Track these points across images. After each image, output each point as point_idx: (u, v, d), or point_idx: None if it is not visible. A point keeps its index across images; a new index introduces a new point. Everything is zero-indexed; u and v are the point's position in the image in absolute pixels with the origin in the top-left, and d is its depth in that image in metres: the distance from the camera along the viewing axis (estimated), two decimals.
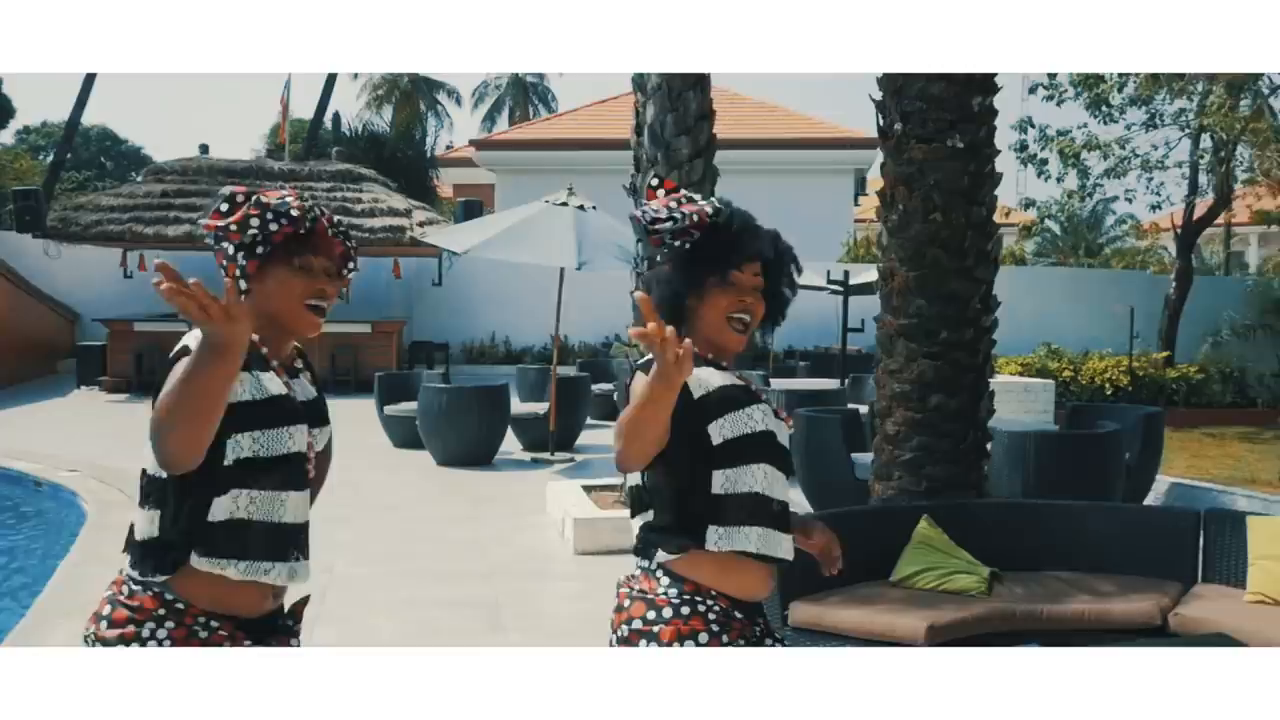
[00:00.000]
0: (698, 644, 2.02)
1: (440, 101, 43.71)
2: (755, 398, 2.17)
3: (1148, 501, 7.94)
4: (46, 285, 18.24)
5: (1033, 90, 16.47)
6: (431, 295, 19.28)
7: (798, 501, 7.42)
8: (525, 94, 45.47)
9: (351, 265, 2.10)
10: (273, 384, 1.96)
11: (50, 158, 32.00)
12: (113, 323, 16.33)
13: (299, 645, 2.08)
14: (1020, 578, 4.58)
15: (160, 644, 1.87)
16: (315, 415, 2.08)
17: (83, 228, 16.89)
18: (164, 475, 1.88)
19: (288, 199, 1.97)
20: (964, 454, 5.41)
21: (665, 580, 2.08)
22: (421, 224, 17.10)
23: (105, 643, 1.88)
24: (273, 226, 1.96)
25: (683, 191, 2.24)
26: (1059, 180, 16.96)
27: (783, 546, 2.15)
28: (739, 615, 2.09)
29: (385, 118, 37.14)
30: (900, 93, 5.43)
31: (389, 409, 11.37)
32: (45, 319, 18.33)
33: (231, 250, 1.95)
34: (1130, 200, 18.34)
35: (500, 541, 7.14)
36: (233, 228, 1.93)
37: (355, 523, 7.64)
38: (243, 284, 1.96)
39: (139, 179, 20.79)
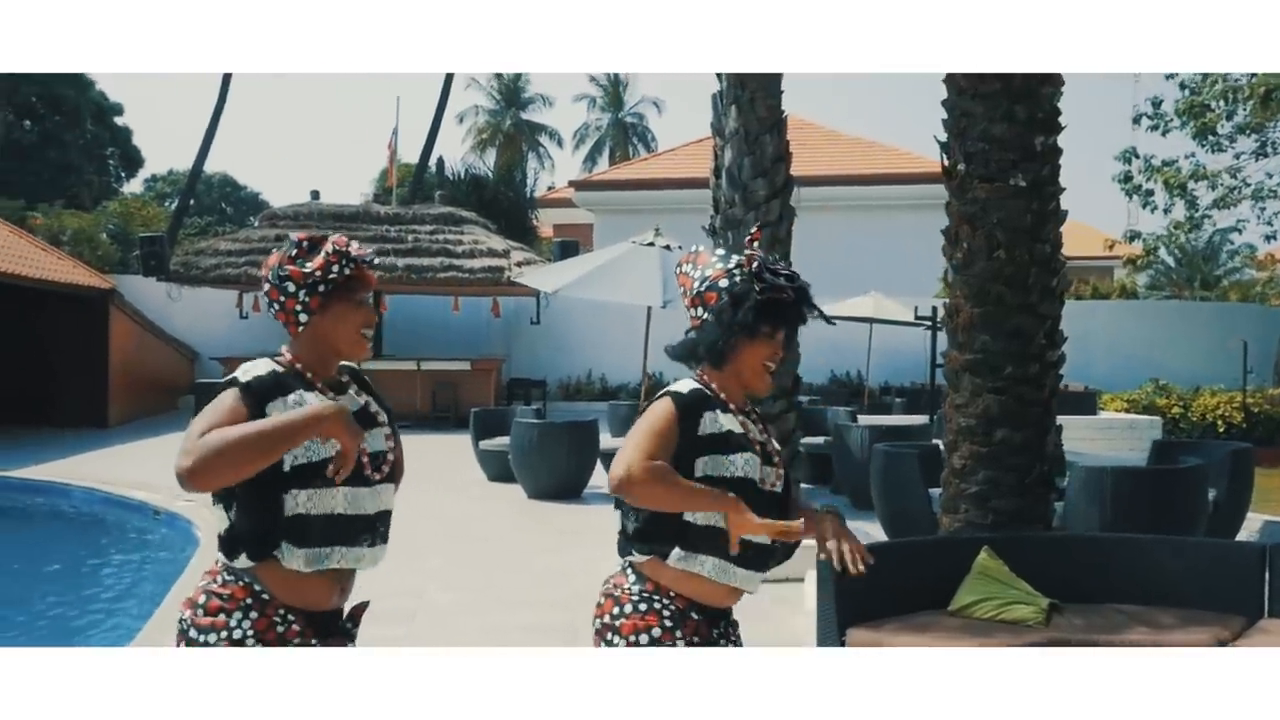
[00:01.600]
0: (651, 638, 2.27)
1: (542, 143, 44.77)
2: (747, 446, 2.40)
3: (1239, 539, 7.79)
4: (168, 326, 19.29)
5: (1137, 120, 16.26)
6: (530, 333, 19.78)
7: (873, 534, 7.51)
8: (625, 134, 46.25)
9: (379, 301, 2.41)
10: (316, 400, 2.23)
11: (175, 204, 33.72)
12: (228, 361, 17.17)
13: (354, 646, 2.34)
14: (1080, 610, 4.62)
15: (245, 634, 2.14)
16: (363, 421, 2.33)
17: (202, 271, 17.86)
18: (244, 485, 2.16)
19: (349, 243, 2.28)
20: (1030, 487, 5.47)
21: (632, 578, 2.35)
22: (520, 264, 17.61)
23: (198, 629, 2.16)
24: (347, 270, 2.26)
25: (767, 258, 2.51)
26: (1166, 211, 16.66)
27: (737, 577, 2.36)
28: (695, 616, 2.33)
29: (488, 161, 38.17)
30: (964, 133, 5.57)
31: (484, 444, 11.75)
32: (167, 358, 19.35)
33: (293, 288, 2.24)
34: (1241, 230, 17.76)
35: (584, 571, 7.37)
36: (317, 274, 2.23)
37: (446, 551, 7.98)
38: (303, 317, 2.27)
39: (255, 223, 21.86)
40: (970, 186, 5.55)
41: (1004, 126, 5.46)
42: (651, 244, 10.09)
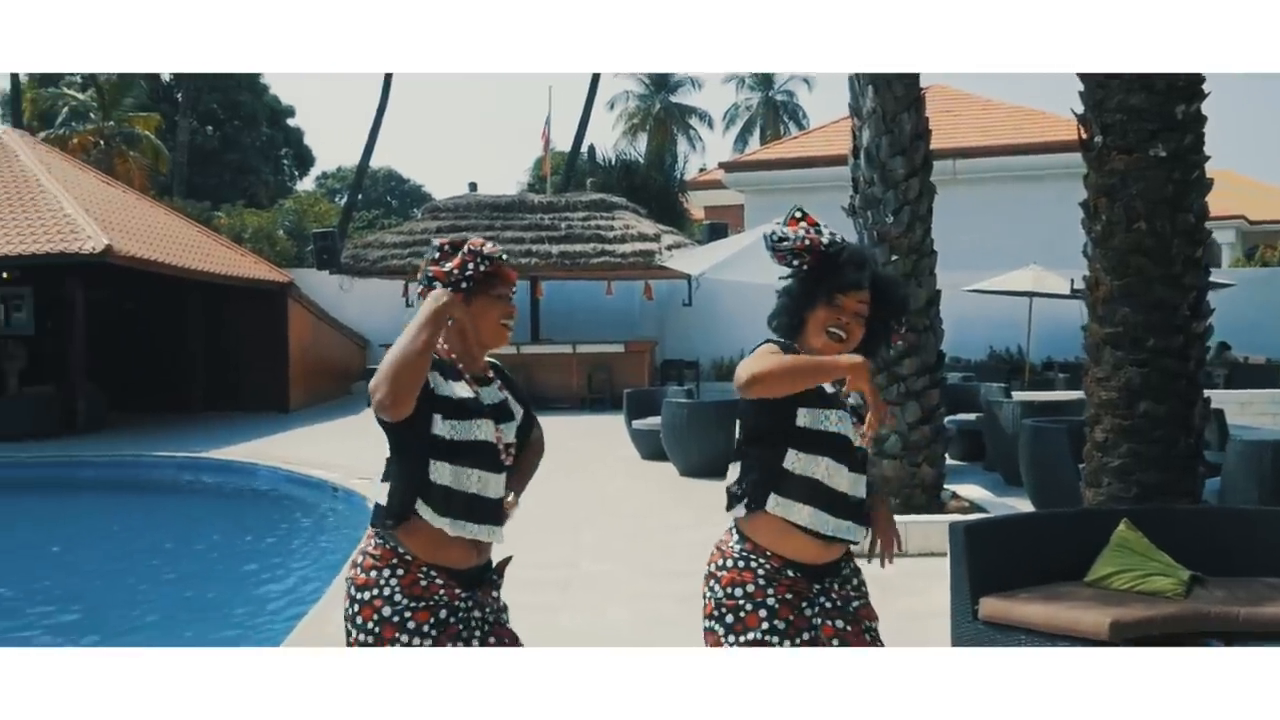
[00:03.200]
0: (745, 592, 2.51)
1: (692, 126, 44.95)
2: (837, 404, 2.61)
3: None
4: (340, 315, 20.40)
5: None
6: (682, 315, 20.07)
7: (1022, 507, 7.49)
8: (775, 113, 45.98)
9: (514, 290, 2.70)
10: (461, 390, 2.54)
11: (344, 199, 35.40)
12: None
13: (499, 595, 2.65)
14: (1224, 583, 4.58)
15: (394, 590, 2.46)
16: (501, 415, 2.63)
17: (370, 263, 18.83)
18: (395, 456, 2.50)
19: (484, 245, 2.57)
20: (1176, 461, 5.41)
21: (736, 536, 2.60)
22: (670, 247, 17.90)
23: (358, 587, 2.50)
24: (483, 267, 2.55)
25: (821, 224, 2.69)
26: None
27: (830, 526, 2.56)
28: (790, 574, 2.54)
29: (639, 146, 38.60)
30: (1101, 104, 5.53)
31: (636, 423, 12.10)
32: (341, 345, 20.47)
33: (439, 287, 2.53)
34: None
35: None
36: (454, 272, 2.53)
37: (599, 526, 8.35)
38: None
39: (418, 215, 22.84)
40: (1108, 158, 5.51)
41: (1142, 96, 5.40)
42: (819, 228, 10.19)
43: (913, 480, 7.62)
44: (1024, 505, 7.85)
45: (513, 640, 2.62)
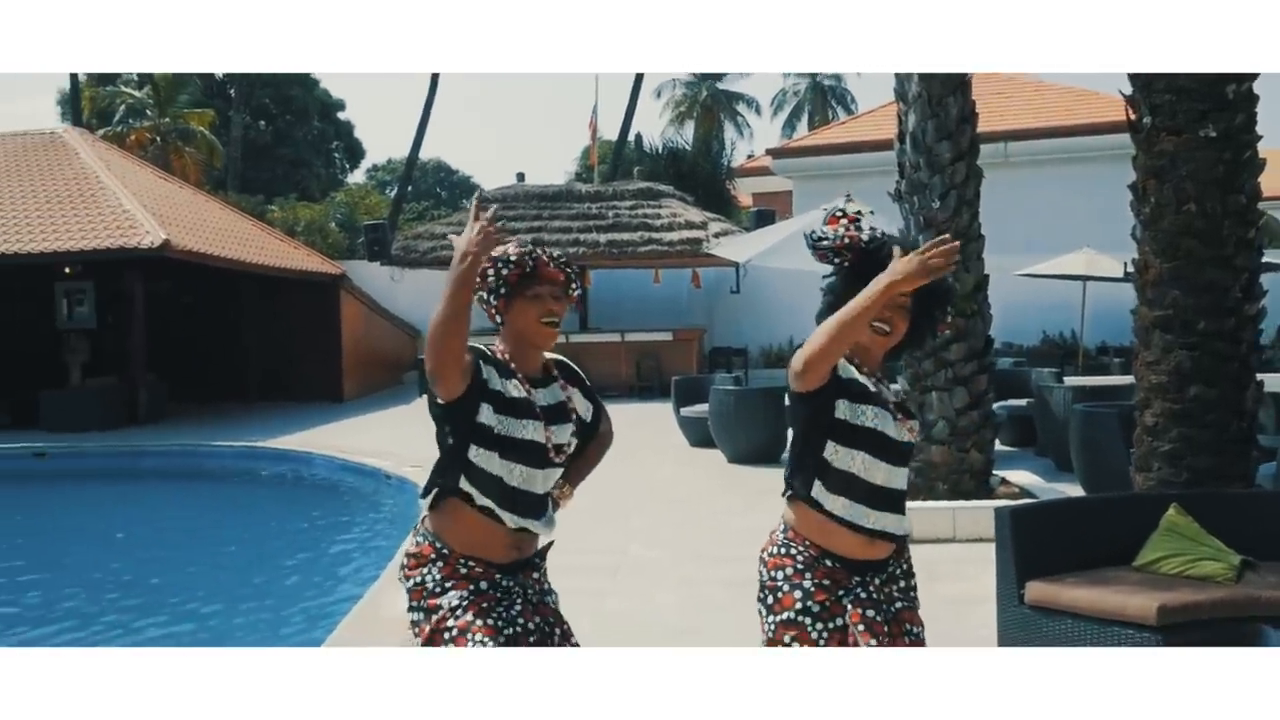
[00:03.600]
0: (784, 575, 2.58)
1: (740, 112, 44.77)
2: (876, 401, 2.64)
3: None
4: (392, 306, 20.64)
5: None
6: (730, 303, 20.05)
7: (1072, 493, 7.44)
8: (823, 98, 45.67)
9: (574, 286, 2.73)
10: (514, 389, 2.61)
11: (394, 191, 35.77)
12: None
13: (540, 576, 2.71)
14: (1276, 567, 4.54)
15: (436, 581, 2.56)
16: (555, 416, 2.69)
17: (420, 254, 19.04)
18: (440, 436, 2.59)
19: (509, 249, 2.62)
20: (1227, 445, 5.36)
21: (782, 525, 2.68)
22: (717, 235, 17.89)
23: (407, 578, 2.61)
24: (504, 272, 2.62)
25: (862, 219, 2.72)
26: None
27: (869, 519, 2.59)
28: (829, 563, 2.59)
29: (687, 134, 38.53)
30: (1149, 85, 5.47)
31: (684, 411, 12.15)
32: (392, 336, 20.74)
33: (485, 295, 2.63)
34: None
35: None
36: (478, 280, 2.59)
37: (648, 512, 8.42)
38: (498, 318, 2.67)
39: (467, 206, 23.01)
40: (1157, 139, 5.45)
41: (1191, 76, 5.33)
42: (859, 213, 10.16)
43: (961, 466, 7.59)
44: (1074, 491, 7.79)
45: (556, 618, 2.69)
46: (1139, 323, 5.64)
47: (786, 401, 2.76)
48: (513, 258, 2.63)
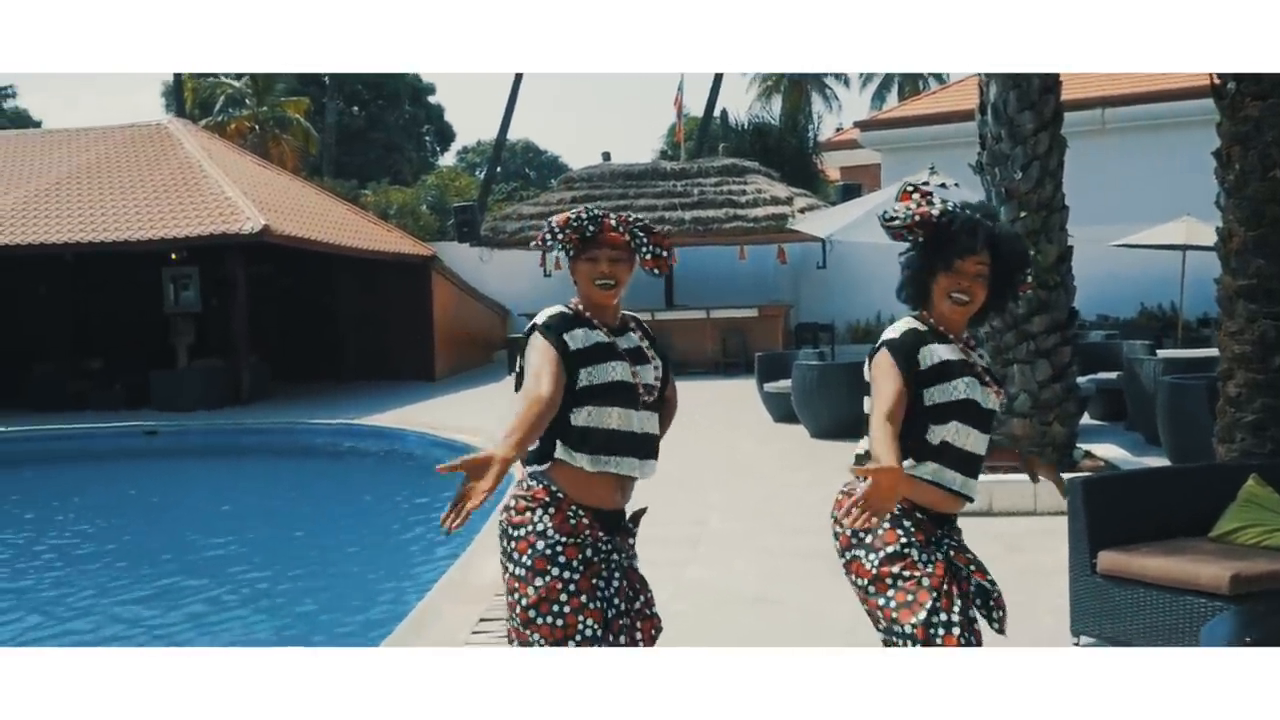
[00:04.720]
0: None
1: (828, 85, 44.25)
2: (967, 370, 2.75)
3: None
4: (481, 286, 21.02)
5: None
6: (817, 278, 19.95)
7: (1159, 465, 7.35)
8: None
9: (645, 251, 2.84)
10: (597, 335, 2.78)
11: (484, 173, 36.28)
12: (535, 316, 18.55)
13: (634, 542, 2.87)
14: None
15: (546, 526, 2.69)
16: (637, 358, 2.84)
17: (508, 235, 19.35)
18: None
19: (553, 219, 2.80)
20: None
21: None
22: (802, 210, 17.84)
23: (512, 525, 2.74)
24: (560, 237, 2.79)
25: (934, 193, 2.81)
26: None
27: (956, 482, 2.75)
28: (918, 515, 2.74)
29: (774, 109, 38.28)
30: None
31: (768, 386, 12.22)
32: (482, 315, 21.14)
33: (558, 254, 2.82)
34: None
35: None
36: (550, 239, 2.80)
37: (729, 486, 8.54)
38: (572, 276, 2.86)
39: (555, 185, 23.30)
40: (1242, 105, 5.36)
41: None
42: (926, 184, 10.11)
43: (1043, 439, 7.55)
44: (1161, 464, 7.69)
45: (641, 584, 2.85)
46: (1223, 292, 5.57)
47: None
48: (556, 225, 2.79)
